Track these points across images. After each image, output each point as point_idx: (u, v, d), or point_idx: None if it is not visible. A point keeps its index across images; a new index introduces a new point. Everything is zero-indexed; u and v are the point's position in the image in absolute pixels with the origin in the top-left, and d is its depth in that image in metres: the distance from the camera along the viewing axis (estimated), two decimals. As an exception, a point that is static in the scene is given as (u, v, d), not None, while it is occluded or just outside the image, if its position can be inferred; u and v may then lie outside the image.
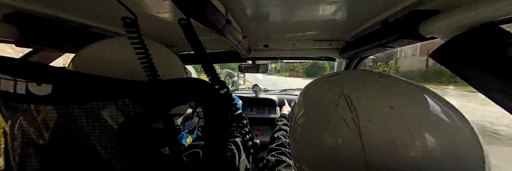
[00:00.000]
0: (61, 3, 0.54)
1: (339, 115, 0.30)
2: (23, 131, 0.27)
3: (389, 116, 0.27)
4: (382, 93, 0.31)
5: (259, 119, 1.65)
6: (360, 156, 0.26)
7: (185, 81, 0.29)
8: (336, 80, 0.38)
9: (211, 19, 0.50)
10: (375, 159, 0.25)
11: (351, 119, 0.28)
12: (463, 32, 0.35)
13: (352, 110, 0.29)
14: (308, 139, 0.34)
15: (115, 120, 0.27)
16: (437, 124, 0.26)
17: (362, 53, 0.90)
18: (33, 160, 0.27)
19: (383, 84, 0.33)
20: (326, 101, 0.33)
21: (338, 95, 0.32)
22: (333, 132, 0.30)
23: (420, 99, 0.29)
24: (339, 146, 0.28)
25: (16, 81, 0.24)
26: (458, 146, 0.25)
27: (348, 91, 0.32)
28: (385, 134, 0.26)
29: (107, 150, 0.28)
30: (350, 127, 0.28)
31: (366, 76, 0.37)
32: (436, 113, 0.27)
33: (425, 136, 0.25)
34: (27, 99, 0.25)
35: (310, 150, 0.33)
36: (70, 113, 0.26)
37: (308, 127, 0.35)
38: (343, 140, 0.28)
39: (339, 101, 0.31)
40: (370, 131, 0.27)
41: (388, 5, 0.55)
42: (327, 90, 0.35)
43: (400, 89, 0.31)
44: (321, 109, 0.34)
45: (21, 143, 0.27)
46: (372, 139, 0.26)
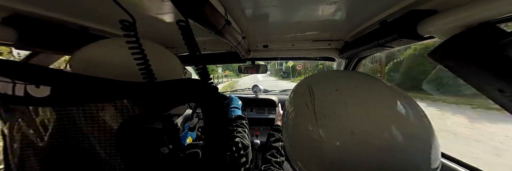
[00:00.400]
0: (60, 5, 0.54)
1: (303, 101, 0.38)
2: (22, 133, 0.27)
3: (333, 95, 0.35)
4: (334, 81, 0.40)
5: (259, 119, 1.65)
6: (314, 127, 0.34)
7: (182, 82, 0.29)
8: (306, 79, 0.47)
9: (210, 20, 0.50)
10: (323, 128, 0.33)
11: (310, 102, 0.36)
12: (461, 32, 0.35)
13: (311, 95, 0.37)
14: (288, 123, 0.43)
15: (114, 121, 0.27)
16: (371, 98, 0.33)
17: (361, 53, 0.90)
18: (32, 162, 0.27)
19: (339, 76, 0.42)
20: (298, 92, 0.43)
21: (305, 86, 0.41)
22: (299, 113, 0.39)
23: (363, 84, 0.37)
24: (301, 122, 0.37)
25: (15, 83, 0.24)
26: (388, 117, 0.31)
27: (311, 83, 0.41)
28: (329, 108, 0.34)
29: (106, 151, 0.27)
30: (309, 108, 0.36)
31: (331, 72, 0.47)
32: (375, 91, 0.35)
33: (359, 108, 0.32)
34: (26, 101, 0.25)
35: (289, 130, 0.42)
36: (69, 115, 0.26)
37: (287, 114, 0.44)
38: (303, 117, 0.37)
39: (305, 91, 0.40)
40: (320, 108, 0.35)
41: (387, 5, 0.55)
42: (300, 85, 0.45)
43: (351, 78, 0.40)
44: (294, 99, 0.44)
45: (20, 145, 0.27)
46: (322, 113, 0.34)
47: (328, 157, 0.32)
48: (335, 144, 0.31)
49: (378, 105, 0.32)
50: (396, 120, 0.31)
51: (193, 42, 0.34)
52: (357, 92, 0.35)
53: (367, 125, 0.30)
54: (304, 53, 1.24)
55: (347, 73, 0.43)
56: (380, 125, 0.30)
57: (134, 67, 0.33)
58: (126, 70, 0.36)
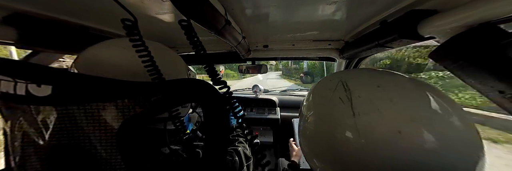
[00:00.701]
0: (60, 4, 0.54)
1: (336, 95, 0.35)
2: (23, 131, 0.27)
3: (375, 91, 0.33)
4: (372, 77, 0.37)
5: (259, 119, 1.65)
6: (352, 123, 0.31)
7: (185, 82, 0.29)
8: (336, 74, 0.45)
9: (210, 20, 0.50)
10: (363, 125, 0.30)
11: (346, 96, 0.34)
12: (462, 32, 0.35)
13: (347, 90, 0.35)
14: (314, 119, 0.39)
15: (115, 121, 0.27)
16: (418, 98, 0.31)
17: (361, 53, 0.90)
18: (33, 161, 0.27)
19: (375, 72, 0.40)
20: (328, 87, 0.40)
21: (337, 82, 0.38)
22: (330, 108, 0.36)
23: (405, 82, 0.34)
24: (334, 119, 0.34)
25: (16, 82, 0.24)
26: (442, 118, 0.29)
27: (345, 78, 0.38)
28: (371, 104, 0.31)
29: (107, 150, 0.28)
30: (344, 102, 0.33)
31: (362, 69, 0.46)
32: (416, 90, 0.32)
33: (406, 105, 0.30)
34: (27, 100, 0.25)
35: (312, 128, 0.38)
36: (70, 114, 0.26)
37: (313, 109, 0.40)
38: (338, 113, 0.34)
39: (338, 85, 0.37)
40: (360, 103, 0.32)
41: (387, 5, 0.55)
42: (329, 80, 0.42)
43: (387, 75, 0.38)
44: (324, 92, 0.40)
45: (22, 144, 0.27)
46: (361, 109, 0.31)
47: (362, 155, 0.30)
48: (377, 141, 0.29)
49: (426, 104, 0.30)
50: (444, 121, 0.29)
51: (196, 41, 0.34)
52: (400, 90, 0.32)
53: (417, 125, 0.28)
54: (304, 53, 1.24)
55: (380, 71, 0.40)
56: (429, 126, 0.28)
57: (137, 67, 0.33)
58: (130, 70, 0.36)
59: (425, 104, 0.30)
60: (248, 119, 1.66)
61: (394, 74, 0.37)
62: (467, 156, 0.28)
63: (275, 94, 2.01)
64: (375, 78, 0.36)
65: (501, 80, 0.29)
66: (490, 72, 0.30)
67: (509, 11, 0.28)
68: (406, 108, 0.30)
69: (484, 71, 0.31)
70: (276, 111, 1.71)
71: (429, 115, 0.29)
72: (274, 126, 1.68)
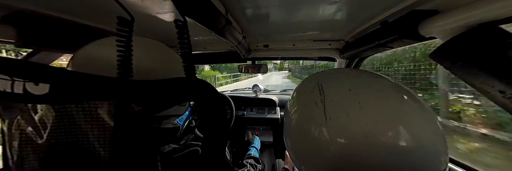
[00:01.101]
0: (61, 3, 0.54)
1: (312, 99, 0.36)
2: (21, 130, 0.27)
3: (346, 95, 0.33)
4: (346, 80, 0.38)
5: (259, 119, 1.65)
6: (323, 128, 0.32)
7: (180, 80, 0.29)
8: (315, 75, 0.46)
9: (210, 19, 0.50)
10: (333, 129, 0.31)
11: (320, 100, 0.35)
12: (463, 32, 0.35)
13: (321, 94, 0.35)
14: (291, 122, 0.40)
15: (112, 119, 0.27)
16: (385, 100, 0.31)
17: (361, 54, 0.90)
18: (31, 159, 0.27)
19: (350, 74, 0.40)
20: (306, 89, 0.41)
21: (314, 84, 0.39)
22: (307, 112, 0.37)
23: (377, 84, 0.35)
24: (308, 122, 0.36)
25: (14, 81, 0.24)
26: (402, 119, 0.30)
27: (321, 80, 0.39)
28: (341, 108, 0.32)
29: (105, 149, 0.28)
30: (318, 106, 0.34)
31: (341, 70, 0.45)
32: (387, 92, 0.33)
33: (374, 109, 0.30)
34: (25, 98, 0.25)
35: (293, 128, 0.40)
36: (68, 112, 0.26)
37: (293, 111, 0.42)
38: (312, 117, 0.35)
39: (314, 88, 0.38)
40: (331, 107, 0.33)
41: (388, 5, 0.55)
42: (308, 82, 0.43)
43: (362, 77, 0.38)
44: (302, 95, 0.42)
45: (19, 142, 0.27)
46: (333, 113, 0.32)
47: (335, 158, 0.31)
48: (345, 146, 0.30)
49: (392, 107, 0.31)
50: (411, 123, 0.30)
51: (188, 42, 0.33)
52: (370, 93, 0.33)
53: (381, 128, 0.29)
54: (304, 53, 1.24)
55: (357, 72, 0.41)
56: (394, 129, 0.29)
57: (136, 66, 0.33)
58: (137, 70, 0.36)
59: (392, 107, 0.30)
60: (248, 119, 1.66)
61: (371, 76, 0.38)
62: (432, 160, 0.29)
63: (275, 94, 2.01)
64: (348, 81, 0.37)
65: (502, 81, 0.29)
66: (491, 72, 0.30)
67: (509, 12, 0.28)
68: (372, 112, 0.30)
69: (485, 72, 0.31)
70: (276, 110, 1.71)
71: (395, 118, 0.29)
72: (274, 125, 1.68)
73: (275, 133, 1.67)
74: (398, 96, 0.32)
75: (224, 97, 1.51)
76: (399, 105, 0.31)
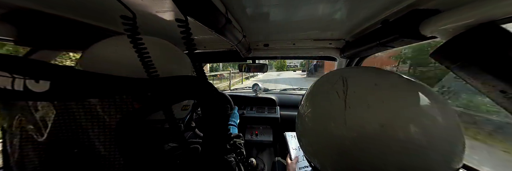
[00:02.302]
0: (60, 1, 0.54)
1: (334, 89, 0.37)
2: (21, 127, 0.27)
3: (371, 88, 0.34)
4: (372, 76, 0.38)
5: (259, 118, 1.66)
6: (342, 116, 0.33)
7: (181, 79, 0.29)
8: (339, 70, 0.46)
9: (210, 18, 0.49)
10: (351, 117, 0.32)
11: (342, 91, 0.36)
12: (464, 32, 0.35)
13: (344, 85, 0.36)
14: (311, 109, 0.41)
15: (113, 117, 0.27)
16: (408, 98, 0.32)
17: (362, 53, 0.90)
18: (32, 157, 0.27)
19: (376, 72, 0.41)
20: (328, 81, 0.42)
21: (338, 77, 0.40)
22: (325, 100, 0.38)
23: (401, 83, 0.36)
24: (326, 111, 0.37)
25: (14, 78, 0.24)
26: (426, 118, 0.30)
27: (346, 75, 0.40)
28: (363, 100, 0.33)
29: (106, 146, 0.28)
30: (340, 96, 0.35)
31: (366, 68, 0.45)
32: (412, 92, 0.34)
33: (395, 103, 0.32)
34: (25, 95, 0.25)
35: (308, 116, 0.41)
36: (69, 110, 0.26)
37: (310, 100, 0.43)
38: (329, 106, 0.36)
39: (338, 80, 0.39)
40: (353, 98, 0.34)
41: (389, 5, 0.55)
42: (331, 75, 0.44)
43: (390, 76, 0.38)
44: (323, 85, 0.43)
45: (20, 140, 0.27)
46: (353, 103, 0.33)
47: (348, 145, 0.32)
48: (360, 134, 0.31)
49: (413, 105, 0.32)
50: (429, 121, 0.30)
51: (190, 40, 0.34)
52: (395, 90, 0.34)
53: (399, 121, 0.30)
54: (304, 52, 1.24)
55: (382, 71, 0.42)
56: (411, 123, 0.30)
57: (138, 65, 0.33)
58: (136, 68, 0.36)
59: (412, 103, 0.32)
60: (248, 118, 1.66)
61: (395, 75, 0.38)
62: (446, 154, 0.30)
63: (275, 93, 2.01)
64: (374, 77, 0.38)
65: (503, 80, 0.29)
66: (492, 72, 0.30)
67: (511, 11, 0.28)
68: (394, 105, 0.32)
69: (486, 71, 0.31)
70: (276, 109, 1.71)
71: (413, 112, 0.31)
72: (273, 124, 1.68)
73: (275, 132, 1.67)
74: (422, 96, 0.33)
75: (224, 96, 1.52)
76: (421, 103, 0.32)
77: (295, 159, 0.85)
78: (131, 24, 0.29)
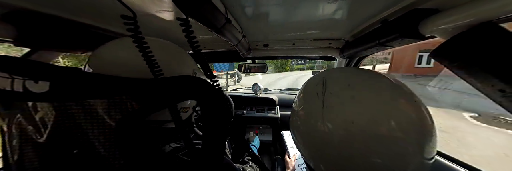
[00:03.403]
0: (60, 2, 0.54)
1: (315, 90, 0.42)
2: (21, 128, 0.27)
3: (344, 89, 0.39)
4: (348, 77, 0.43)
5: (259, 118, 1.66)
6: (319, 115, 0.38)
7: (183, 79, 0.29)
8: (322, 72, 0.50)
9: (210, 18, 0.49)
10: (328, 115, 0.37)
11: (321, 92, 0.41)
12: (463, 31, 0.35)
13: (323, 87, 0.41)
14: (297, 109, 0.47)
15: (113, 117, 0.27)
16: (377, 95, 0.36)
17: (362, 53, 0.90)
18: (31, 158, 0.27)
19: (352, 72, 0.45)
20: (312, 83, 0.47)
21: (320, 80, 0.44)
22: (309, 101, 0.43)
23: (374, 82, 0.39)
24: (310, 110, 0.42)
25: (14, 79, 0.24)
26: (390, 112, 0.34)
27: (327, 77, 0.44)
28: (337, 99, 0.38)
29: (105, 146, 0.28)
30: (319, 97, 0.40)
31: (347, 68, 0.51)
32: (381, 89, 0.37)
33: (364, 102, 0.35)
34: (25, 96, 0.25)
35: (298, 114, 0.46)
36: (68, 110, 0.26)
37: (299, 101, 0.48)
38: (312, 106, 0.41)
39: (319, 82, 0.43)
40: (329, 98, 0.39)
41: (388, 4, 0.55)
42: (315, 78, 0.49)
43: (363, 75, 0.42)
44: (307, 87, 0.48)
45: (20, 141, 0.27)
46: (329, 102, 0.38)
47: (329, 142, 0.37)
48: (335, 130, 0.36)
49: (382, 101, 0.35)
50: (396, 116, 0.34)
51: (194, 39, 0.34)
52: (365, 88, 0.38)
53: (367, 116, 0.34)
54: (304, 52, 1.24)
55: (359, 71, 0.45)
56: (379, 117, 0.33)
57: (144, 66, 0.34)
58: (140, 70, 0.36)
59: (382, 101, 0.35)
60: (248, 118, 1.66)
61: (371, 75, 0.42)
62: (415, 145, 0.33)
63: (275, 93, 2.01)
64: (349, 78, 0.42)
65: (502, 80, 0.29)
66: (491, 71, 0.30)
67: (511, 10, 0.28)
68: (363, 103, 0.35)
69: (485, 70, 0.31)
70: (276, 109, 1.71)
71: (382, 109, 0.34)
72: (273, 124, 1.68)
73: (275, 132, 1.67)
74: (390, 92, 0.37)
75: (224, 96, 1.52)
76: (389, 100, 0.36)
77: (294, 156, 0.86)
78: (133, 24, 0.29)
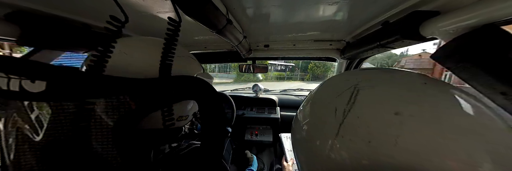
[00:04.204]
0: (63, 2, 0.54)
1: (334, 103, 0.28)
2: (17, 128, 0.27)
3: (384, 119, 0.23)
4: (397, 95, 0.26)
5: (259, 118, 1.65)
6: (329, 144, 0.26)
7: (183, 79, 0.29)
8: (362, 73, 0.33)
9: (211, 19, 0.50)
10: (339, 150, 0.25)
11: (342, 110, 0.26)
12: (464, 33, 0.35)
13: (350, 103, 0.27)
14: (304, 118, 0.34)
15: (110, 117, 0.27)
16: (449, 148, 0.20)
17: (362, 54, 0.90)
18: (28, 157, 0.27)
19: (408, 87, 0.27)
20: (335, 88, 0.32)
21: (351, 85, 0.29)
22: (322, 115, 0.30)
23: (445, 115, 0.22)
24: (320, 128, 0.29)
25: (10, 78, 0.24)
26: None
27: (363, 83, 0.29)
28: (366, 133, 0.23)
29: (103, 146, 0.28)
30: (337, 115, 0.26)
31: (396, 76, 0.30)
32: (446, 122, 0.22)
33: (412, 149, 0.21)
34: (21, 96, 0.24)
35: (302, 128, 0.33)
36: (65, 110, 0.26)
37: (306, 108, 0.35)
38: (323, 124, 0.28)
39: (347, 91, 0.29)
40: (352, 125, 0.25)
41: (389, 6, 0.55)
42: (345, 79, 0.33)
43: (428, 96, 0.25)
44: (326, 94, 0.34)
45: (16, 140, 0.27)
46: (349, 132, 0.24)
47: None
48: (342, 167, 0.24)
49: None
50: None
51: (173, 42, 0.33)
52: (425, 126, 0.22)
53: None
54: (305, 53, 1.24)
55: (425, 87, 0.26)
56: None
57: (148, 68, 0.33)
58: (140, 69, 0.36)
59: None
60: (248, 118, 1.66)
61: (442, 96, 0.25)
62: None
63: (275, 94, 2.01)
64: (400, 98, 0.25)
65: (504, 82, 0.29)
66: (493, 74, 0.30)
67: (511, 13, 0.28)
68: (412, 149, 0.21)
69: (487, 73, 0.31)
70: (276, 110, 1.71)
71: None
72: (274, 125, 1.68)
73: (275, 132, 1.67)
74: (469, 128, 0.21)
75: (224, 96, 1.52)
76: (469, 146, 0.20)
77: (291, 160, 0.85)
78: (118, 26, 0.28)
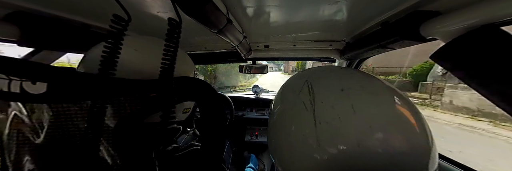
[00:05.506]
0: (63, 2, 0.54)
1: (300, 99, 0.33)
2: (18, 129, 0.27)
3: (338, 96, 0.30)
4: (338, 79, 0.34)
5: (259, 119, 1.65)
6: (312, 133, 0.29)
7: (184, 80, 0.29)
8: (305, 72, 0.42)
9: (212, 18, 0.50)
10: (323, 135, 0.28)
11: (309, 101, 0.31)
12: (464, 34, 0.35)
13: (311, 94, 0.32)
14: (276, 124, 0.37)
15: (111, 118, 0.27)
16: (378, 102, 0.29)
17: (362, 54, 0.90)
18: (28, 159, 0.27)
19: (342, 73, 0.37)
20: (293, 88, 0.38)
21: (303, 82, 0.36)
22: (293, 114, 0.33)
23: (369, 85, 0.32)
24: (295, 125, 0.32)
25: (11, 80, 0.24)
26: (397, 124, 0.28)
27: (311, 78, 0.36)
28: (333, 112, 0.29)
29: (104, 148, 0.28)
30: (307, 108, 0.31)
31: (331, 67, 0.41)
32: (380, 94, 0.30)
33: (368, 114, 0.28)
34: (22, 97, 0.24)
35: (277, 133, 0.36)
36: (66, 111, 0.26)
37: (276, 114, 0.38)
38: (299, 119, 0.32)
39: (303, 87, 0.35)
40: (322, 110, 0.30)
41: (389, 6, 0.55)
42: (297, 79, 0.40)
43: (355, 76, 0.35)
44: (288, 95, 0.38)
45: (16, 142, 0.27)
46: (323, 116, 0.29)
47: (322, 166, 0.28)
48: (336, 154, 0.27)
49: (386, 111, 0.28)
50: (404, 128, 0.28)
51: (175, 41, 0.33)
52: (364, 94, 0.30)
53: (376, 136, 0.26)
54: (305, 53, 1.24)
55: (349, 71, 0.37)
56: (388, 135, 0.27)
57: (143, 67, 0.33)
58: (135, 70, 0.36)
59: (386, 111, 0.28)
60: (248, 119, 1.66)
61: (363, 76, 0.35)
62: (425, 163, 0.27)
63: (275, 94, 2.01)
64: (339, 80, 0.34)
65: (504, 83, 0.29)
66: (493, 74, 0.30)
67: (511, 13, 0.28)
68: (366, 116, 0.28)
69: (486, 73, 0.31)
70: None
71: (388, 123, 0.27)
72: None
73: None
74: (390, 98, 0.30)
75: (223, 97, 1.52)
76: (392, 108, 0.29)
77: None
78: (122, 25, 0.28)
